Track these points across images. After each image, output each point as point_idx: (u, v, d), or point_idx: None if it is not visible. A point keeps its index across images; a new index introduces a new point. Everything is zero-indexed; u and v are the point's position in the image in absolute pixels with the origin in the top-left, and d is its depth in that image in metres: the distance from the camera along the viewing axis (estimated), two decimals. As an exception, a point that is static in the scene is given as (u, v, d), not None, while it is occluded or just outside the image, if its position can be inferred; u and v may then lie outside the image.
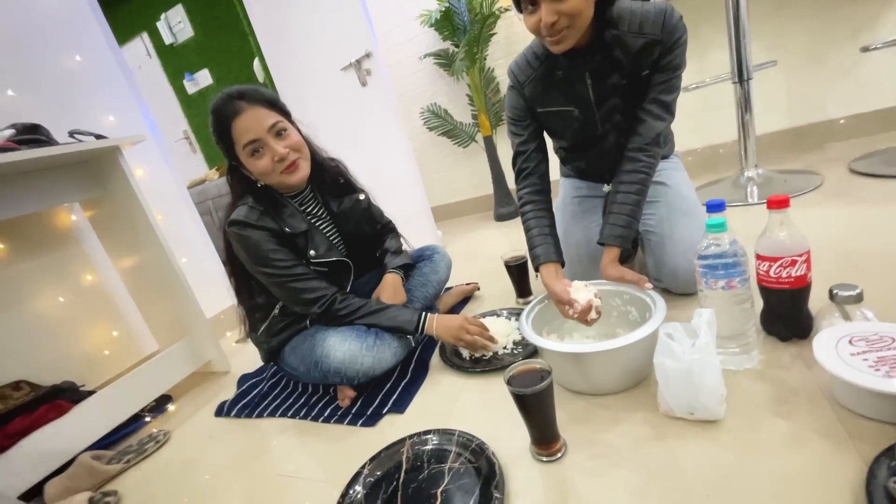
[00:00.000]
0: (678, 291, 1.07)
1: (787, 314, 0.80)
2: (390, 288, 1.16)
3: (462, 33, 2.20)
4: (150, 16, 3.66)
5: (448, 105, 2.56)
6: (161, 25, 3.65)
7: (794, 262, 0.75)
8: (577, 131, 1.06)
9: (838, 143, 1.93)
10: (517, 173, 1.11)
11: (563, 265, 1.03)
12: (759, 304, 0.84)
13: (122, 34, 3.80)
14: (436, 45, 2.43)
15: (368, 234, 1.21)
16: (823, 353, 0.64)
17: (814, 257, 0.77)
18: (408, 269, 1.24)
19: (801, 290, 0.77)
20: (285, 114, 1.04)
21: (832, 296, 0.75)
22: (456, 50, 2.28)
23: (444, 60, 2.38)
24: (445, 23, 2.21)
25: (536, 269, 1.03)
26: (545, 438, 0.71)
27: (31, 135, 1.22)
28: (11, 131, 1.20)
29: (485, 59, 2.32)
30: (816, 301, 0.79)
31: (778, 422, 0.66)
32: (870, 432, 0.60)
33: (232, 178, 1.08)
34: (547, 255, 1.01)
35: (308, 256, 1.06)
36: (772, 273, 0.77)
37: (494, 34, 2.28)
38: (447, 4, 2.12)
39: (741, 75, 1.60)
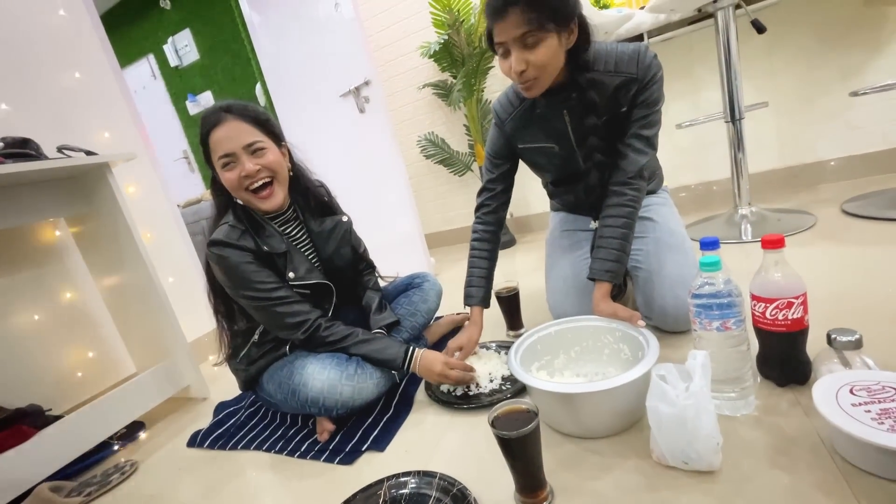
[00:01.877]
0: (668, 329, 1.04)
1: (784, 358, 0.77)
2: None
3: (460, 65, 2.24)
4: (158, 39, 3.74)
5: (445, 134, 2.58)
6: (168, 48, 3.73)
7: (790, 305, 0.72)
8: (560, 167, 1.09)
9: (830, 183, 1.94)
10: (477, 206, 1.18)
11: (487, 307, 1.16)
12: (755, 346, 0.81)
13: (128, 55, 3.87)
14: (435, 76, 2.48)
15: (349, 260, 1.17)
16: (823, 401, 0.61)
17: (809, 299, 0.75)
18: (392, 328, 1.19)
19: (798, 334, 0.74)
20: (273, 135, 1.02)
21: (830, 341, 0.72)
22: (454, 81, 2.32)
23: (443, 91, 2.42)
24: (444, 54, 2.25)
25: (466, 305, 1.15)
26: (530, 486, 0.67)
27: (21, 149, 1.20)
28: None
29: (482, 91, 2.36)
30: (814, 345, 0.76)
31: (777, 474, 0.62)
32: (876, 491, 0.56)
33: (214, 189, 1.06)
34: (478, 299, 1.13)
35: (287, 278, 1.02)
36: (768, 315, 0.74)
37: (492, 67, 2.32)
38: (446, 37, 2.17)
39: (733, 115, 1.63)
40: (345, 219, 1.18)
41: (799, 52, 1.87)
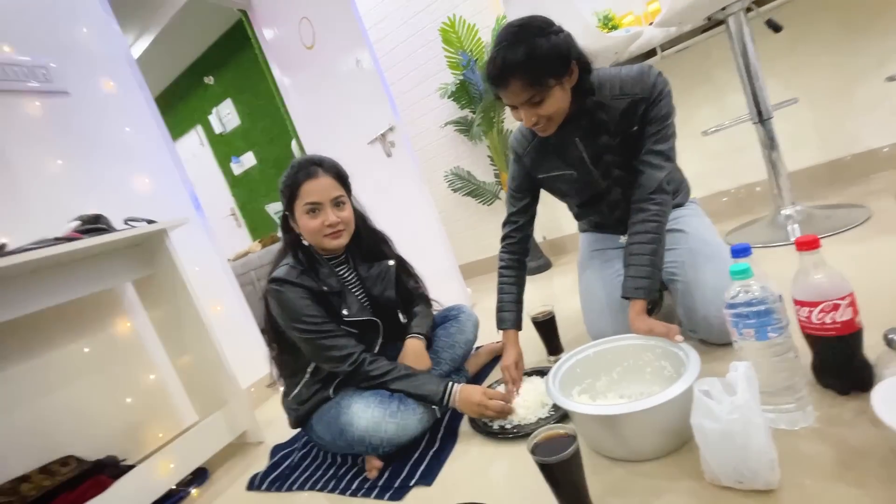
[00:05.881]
0: (714, 341, 1.00)
1: (839, 364, 0.73)
2: (411, 355, 1.16)
3: (478, 101, 2.33)
4: (204, 111, 4.13)
5: (470, 167, 2.65)
6: (212, 118, 4.09)
7: (836, 307, 0.69)
8: (582, 190, 1.11)
9: (883, 172, 1.82)
10: (503, 237, 1.21)
11: (520, 329, 1.17)
12: (808, 354, 0.77)
13: (180, 129, 4.29)
14: (455, 113, 2.57)
15: (394, 300, 1.24)
16: (884, 407, 0.57)
17: (867, 298, 0.71)
18: (430, 333, 1.23)
19: (850, 336, 0.70)
20: (348, 189, 1.16)
21: (888, 342, 0.68)
22: (474, 116, 2.40)
23: (464, 127, 2.51)
24: (462, 93, 2.35)
25: (499, 329, 1.17)
26: (578, 513, 0.65)
27: (94, 224, 1.36)
28: (77, 223, 1.34)
29: (502, 121, 2.43)
30: (875, 348, 0.72)
31: (845, 490, 0.58)
32: (957, 503, 0.51)
33: (283, 230, 1.18)
34: (511, 323, 1.15)
35: (342, 316, 1.10)
36: (814, 319, 0.71)
37: (510, 98, 2.39)
38: (462, 77, 2.27)
39: (760, 115, 1.59)
40: (391, 263, 1.25)
41: (824, 43, 1.81)
